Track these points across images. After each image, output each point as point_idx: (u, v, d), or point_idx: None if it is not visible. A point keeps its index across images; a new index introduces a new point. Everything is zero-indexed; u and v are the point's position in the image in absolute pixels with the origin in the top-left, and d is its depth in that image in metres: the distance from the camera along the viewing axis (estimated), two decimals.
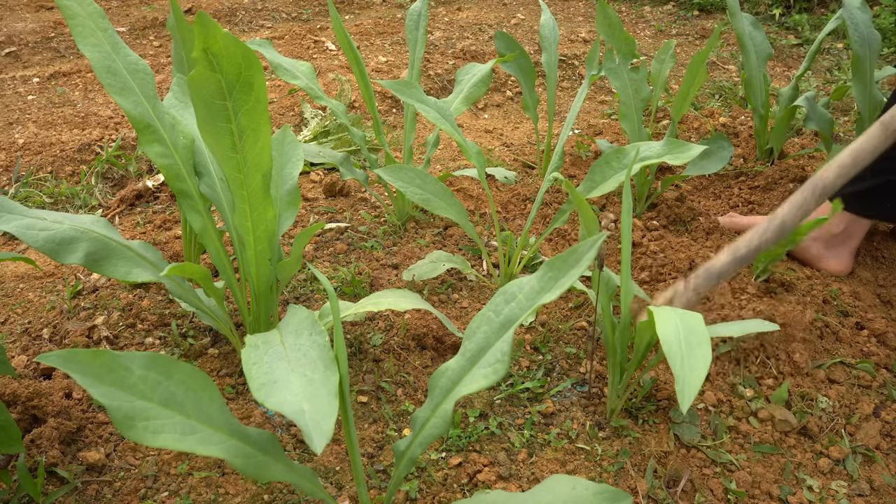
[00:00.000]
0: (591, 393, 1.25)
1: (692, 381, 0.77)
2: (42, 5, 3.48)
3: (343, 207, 1.82)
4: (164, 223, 1.73)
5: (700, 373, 0.78)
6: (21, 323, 1.39)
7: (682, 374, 0.78)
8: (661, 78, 1.92)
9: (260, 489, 1.06)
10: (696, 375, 0.77)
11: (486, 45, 3.10)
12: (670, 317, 0.87)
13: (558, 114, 2.49)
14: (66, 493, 1.05)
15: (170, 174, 1.13)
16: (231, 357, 1.31)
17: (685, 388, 0.76)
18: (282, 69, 1.50)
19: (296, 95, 2.44)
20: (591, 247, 0.84)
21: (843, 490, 1.10)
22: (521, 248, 1.49)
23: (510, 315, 0.84)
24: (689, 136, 2.26)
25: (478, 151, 1.44)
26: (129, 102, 1.08)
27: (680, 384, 0.77)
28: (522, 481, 1.09)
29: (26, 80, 2.62)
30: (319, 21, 3.41)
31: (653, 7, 3.78)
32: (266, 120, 0.96)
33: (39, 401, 1.14)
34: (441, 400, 0.85)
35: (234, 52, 0.87)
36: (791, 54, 3.15)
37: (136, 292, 1.48)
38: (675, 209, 1.79)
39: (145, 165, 2.02)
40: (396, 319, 1.39)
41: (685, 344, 0.81)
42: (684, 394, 0.76)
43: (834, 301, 1.49)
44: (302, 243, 1.14)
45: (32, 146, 2.06)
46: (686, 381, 0.77)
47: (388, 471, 1.10)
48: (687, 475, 1.10)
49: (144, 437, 0.68)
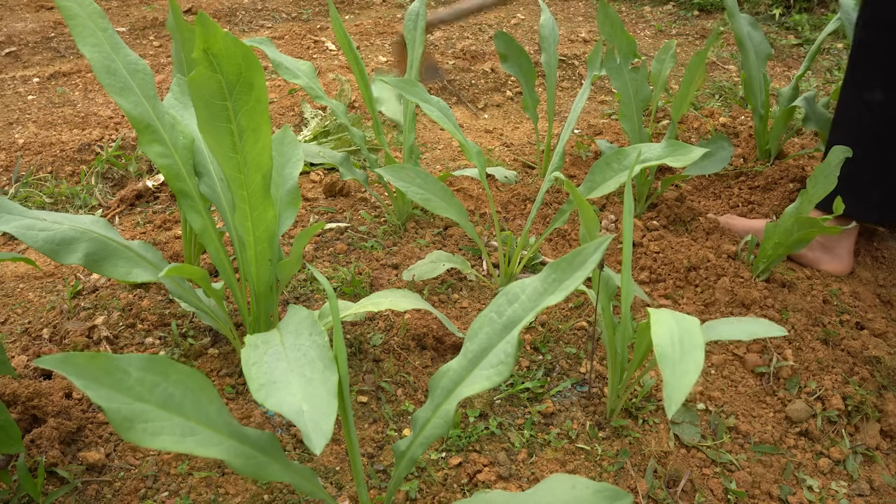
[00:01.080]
0: (591, 393, 1.25)
1: (681, 386, 0.76)
2: (42, 5, 3.48)
3: (343, 207, 1.82)
4: (164, 223, 1.73)
5: (690, 378, 0.77)
6: (21, 323, 1.39)
7: (672, 380, 0.77)
8: (661, 78, 1.92)
9: (260, 489, 1.06)
10: (686, 381, 0.76)
11: (486, 44, 3.10)
12: (666, 320, 0.86)
13: (558, 114, 2.49)
14: (66, 493, 1.05)
15: (170, 174, 1.13)
16: (231, 357, 1.31)
17: (673, 393, 0.76)
18: (283, 68, 1.50)
19: (296, 95, 2.44)
20: (595, 249, 0.83)
21: (843, 490, 1.10)
22: (521, 248, 1.49)
23: (513, 316, 0.84)
24: (689, 136, 2.26)
25: (478, 151, 1.44)
26: (129, 102, 1.08)
27: (668, 389, 0.76)
28: (522, 481, 1.09)
29: (26, 80, 2.62)
30: (319, 21, 3.41)
31: (653, 7, 3.78)
32: (266, 120, 0.96)
33: (39, 401, 1.14)
34: (442, 400, 0.85)
35: (235, 52, 0.88)
36: (791, 54, 3.15)
37: (136, 292, 1.48)
38: (675, 209, 1.79)
39: (145, 165, 2.02)
40: (396, 319, 1.39)
41: (678, 348, 0.80)
42: (672, 399, 0.75)
43: (834, 301, 1.49)
44: (302, 243, 1.14)
45: (32, 146, 2.06)
46: (675, 387, 0.76)
47: (388, 471, 1.10)
48: (687, 475, 1.10)
49: (143, 438, 0.68)
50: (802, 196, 1.46)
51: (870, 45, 1.45)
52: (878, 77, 1.44)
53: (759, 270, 1.54)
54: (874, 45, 1.44)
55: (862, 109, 1.47)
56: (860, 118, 1.48)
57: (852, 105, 1.50)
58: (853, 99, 1.50)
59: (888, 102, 1.43)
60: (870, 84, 1.46)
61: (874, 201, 1.50)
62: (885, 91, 1.43)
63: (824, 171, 1.43)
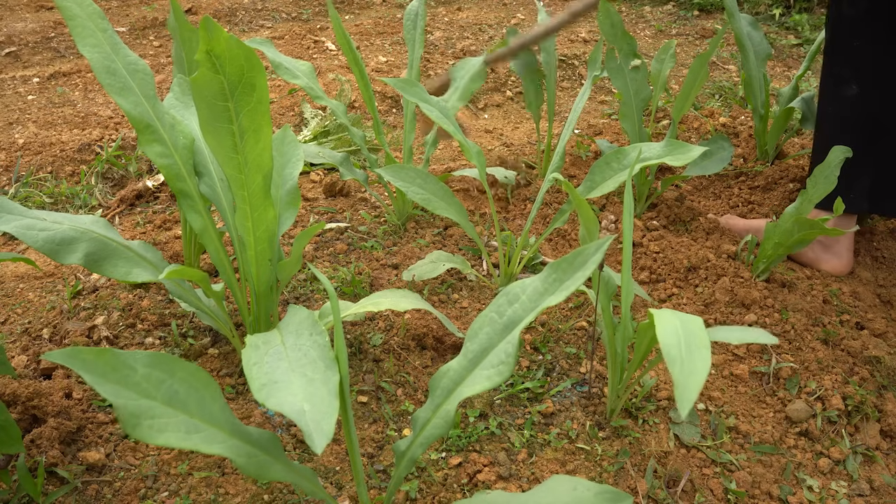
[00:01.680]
0: (591, 393, 1.25)
1: (691, 385, 0.76)
2: (42, 5, 3.48)
3: (343, 207, 1.82)
4: (164, 223, 1.73)
5: (700, 377, 0.77)
6: (21, 323, 1.39)
7: (682, 379, 0.77)
8: (661, 78, 1.92)
9: (260, 489, 1.06)
10: (696, 380, 0.77)
11: (486, 45, 3.10)
12: (670, 320, 0.86)
13: (558, 114, 2.49)
14: (66, 493, 1.05)
15: (170, 174, 1.13)
16: (231, 357, 1.31)
17: (684, 392, 0.76)
18: (282, 68, 1.50)
19: (296, 95, 2.44)
20: (596, 250, 0.83)
21: (843, 490, 1.10)
22: (521, 248, 1.49)
23: (513, 316, 0.84)
24: (689, 136, 2.26)
25: (478, 151, 1.44)
26: (129, 102, 1.08)
27: (679, 389, 0.76)
28: (522, 481, 1.09)
29: (26, 80, 2.62)
30: (319, 21, 3.41)
31: (653, 7, 3.78)
32: (267, 121, 0.96)
33: (39, 401, 1.14)
34: (443, 400, 0.85)
35: (237, 53, 0.88)
36: (791, 54, 3.15)
37: (136, 292, 1.48)
38: (675, 209, 1.79)
39: (145, 165, 2.02)
40: (396, 319, 1.39)
41: (685, 347, 0.81)
42: (683, 398, 0.75)
43: (834, 301, 1.49)
44: (302, 244, 1.15)
45: (32, 146, 2.06)
46: (685, 386, 0.76)
47: (388, 471, 1.10)
48: (687, 475, 1.10)
49: (150, 435, 0.68)
50: (802, 196, 1.46)
51: (841, 41, 1.47)
52: (853, 72, 1.47)
53: (759, 270, 1.54)
54: (845, 41, 1.46)
55: (843, 104, 1.49)
56: (841, 113, 1.50)
57: (832, 101, 1.53)
58: (832, 95, 1.52)
59: (865, 95, 1.45)
60: (846, 79, 1.48)
61: (864, 190, 1.52)
62: (860, 85, 1.44)
63: (824, 171, 1.43)
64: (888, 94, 1.44)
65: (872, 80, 1.44)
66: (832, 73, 1.52)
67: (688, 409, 0.74)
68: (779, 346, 1.36)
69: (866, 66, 1.45)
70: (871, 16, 1.40)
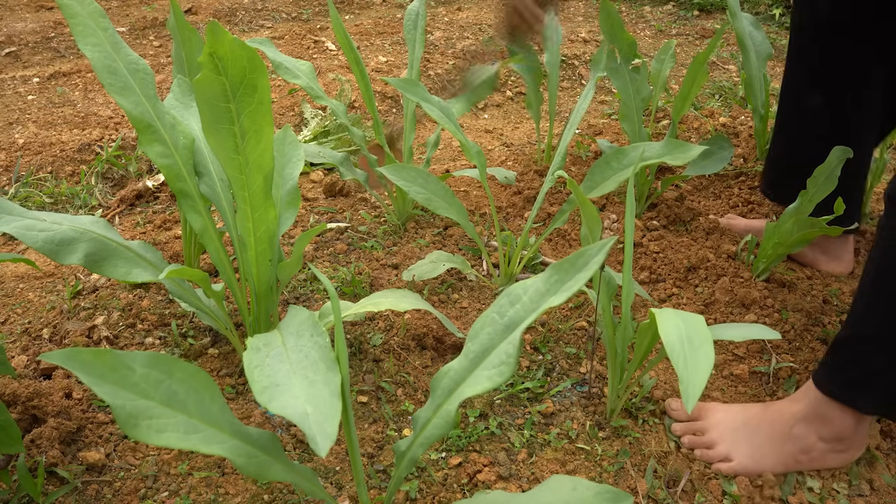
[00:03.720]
0: (591, 393, 1.25)
1: (696, 381, 0.77)
2: (42, 5, 3.48)
3: (343, 207, 1.82)
4: (164, 223, 1.73)
5: (704, 373, 0.78)
6: (21, 323, 1.39)
7: (686, 375, 0.78)
8: (661, 78, 1.92)
9: (260, 489, 1.06)
10: (700, 376, 0.77)
11: (485, 44, 3.10)
12: (672, 318, 0.87)
13: (558, 114, 2.49)
14: (66, 493, 1.05)
15: (170, 174, 1.13)
16: (231, 357, 1.31)
17: (689, 388, 0.76)
18: (283, 68, 1.50)
19: (296, 95, 2.44)
20: (598, 251, 0.83)
21: (844, 491, 1.10)
22: (521, 248, 1.49)
23: (515, 317, 0.84)
24: (689, 136, 2.26)
25: (479, 151, 1.44)
26: (130, 102, 1.08)
27: (684, 385, 0.77)
28: (522, 481, 1.09)
29: (26, 80, 2.62)
30: (319, 21, 3.41)
31: (653, 7, 3.78)
32: (269, 122, 0.96)
33: (39, 401, 1.14)
34: (443, 400, 0.85)
35: (240, 54, 0.88)
36: None
37: (136, 292, 1.48)
38: (675, 209, 1.79)
39: (145, 165, 2.02)
40: (396, 319, 1.39)
41: (688, 344, 0.81)
42: (688, 394, 0.76)
43: (834, 301, 1.49)
44: (303, 244, 1.15)
45: (32, 146, 2.06)
46: (690, 382, 0.77)
47: (388, 471, 1.10)
48: (687, 475, 1.10)
49: (149, 436, 0.68)
50: (802, 196, 1.46)
51: (803, 48, 1.48)
52: (813, 79, 1.48)
53: (759, 270, 1.54)
54: (807, 47, 1.47)
55: (803, 111, 1.52)
56: (804, 120, 1.53)
57: (793, 107, 1.56)
58: (793, 101, 1.55)
59: (827, 103, 1.46)
60: (807, 86, 1.50)
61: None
62: (822, 93, 1.46)
63: (825, 171, 1.43)
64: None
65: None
66: (796, 77, 1.56)
67: (693, 404, 0.75)
68: (778, 346, 1.36)
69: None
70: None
